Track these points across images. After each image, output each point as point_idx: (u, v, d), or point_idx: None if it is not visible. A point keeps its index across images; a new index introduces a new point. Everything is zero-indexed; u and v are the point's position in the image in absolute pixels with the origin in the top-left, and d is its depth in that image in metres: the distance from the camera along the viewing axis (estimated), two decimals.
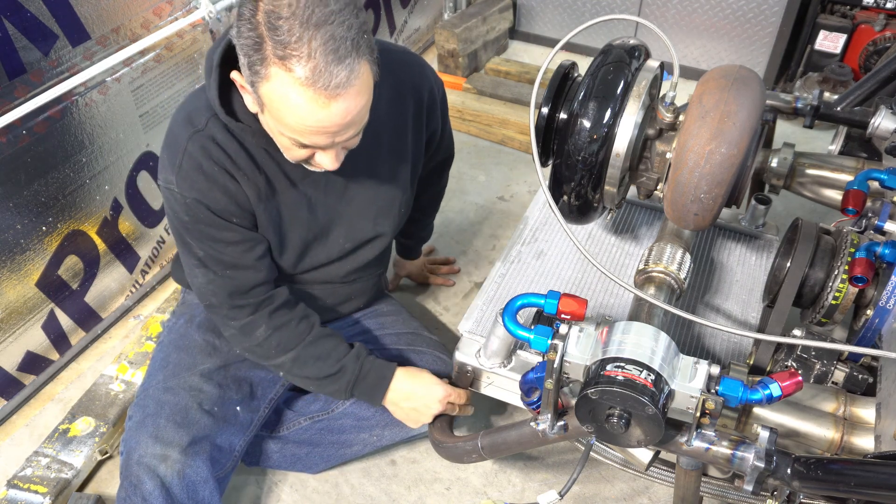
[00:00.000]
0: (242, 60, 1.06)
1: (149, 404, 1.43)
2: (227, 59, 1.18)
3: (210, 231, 1.28)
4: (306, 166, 1.24)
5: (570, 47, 3.37)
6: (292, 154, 1.18)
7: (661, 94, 1.39)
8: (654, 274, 1.36)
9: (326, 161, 1.17)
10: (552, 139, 1.36)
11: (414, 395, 1.46)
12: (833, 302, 1.33)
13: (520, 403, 1.28)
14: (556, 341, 1.09)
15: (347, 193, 1.41)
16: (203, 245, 1.29)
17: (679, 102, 1.30)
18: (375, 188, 1.44)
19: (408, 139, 1.46)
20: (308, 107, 1.03)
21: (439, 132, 1.61)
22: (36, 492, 1.58)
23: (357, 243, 1.49)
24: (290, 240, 1.40)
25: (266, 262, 1.37)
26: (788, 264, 1.38)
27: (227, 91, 1.21)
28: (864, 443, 1.14)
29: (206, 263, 1.32)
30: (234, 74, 1.13)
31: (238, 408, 1.49)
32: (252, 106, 1.16)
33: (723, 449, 1.08)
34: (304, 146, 1.13)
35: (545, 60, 1.26)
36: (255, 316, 1.37)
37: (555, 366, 1.09)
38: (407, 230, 1.93)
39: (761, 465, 1.03)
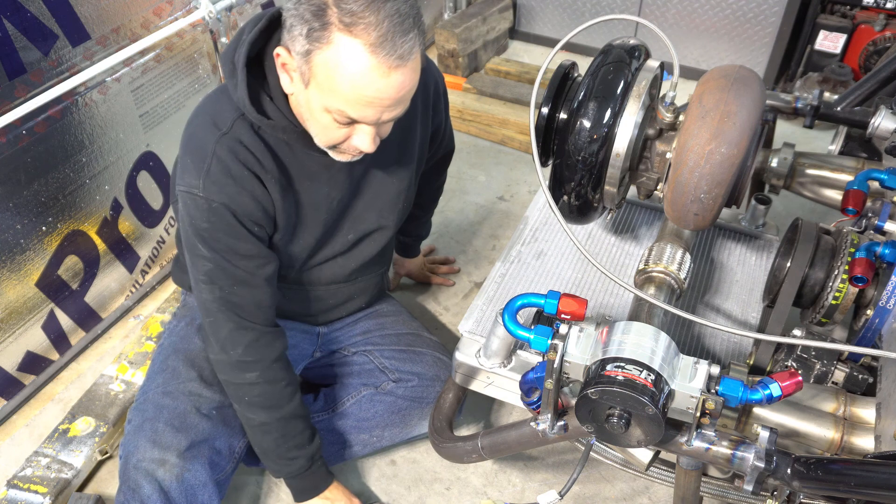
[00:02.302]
0: (296, 31, 1.05)
1: (148, 408, 1.43)
2: (249, 58, 1.18)
3: (228, 240, 1.26)
4: (333, 154, 1.23)
5: (570, 47, 3.37)
6: (328, 135, 1.17)
7: (661, 94, 1.39)
8: (654, 274, 1.36)
9: (364, 141, 1.16)
10: (552, 139, 1.36)
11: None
12: (833, 302, 1.33)
13: (520, 403, 1.28)
14: (556, 341, 1.09)
15: (357, 187, 1.41)
16: (216, 256, 1.27)
17: (679, 102, 1.30)
18: (382, 181, 1.44)
19: (416, 133, 1.47)
20: (369, 75, 1.04)
21: (443, 126, 1.62)
22: (36, 492, 1.58)
23: (360, 235, 1.49)
24: (304, 237, 1.39)
25: (272, 286, 1.36)
26: (788, 264, 1.38)
27: (254, 92, 1.20)
28: (864, 443, 1.14)
29: (214, 279, 1.29)
30: (278, 49, 1.12)
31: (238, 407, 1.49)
32: (289, 86, 1.15)
33: (723, 449, 1.08)
34: (347, 123, 1.12)
35: (545, 60, 1.26)
36: (256, 355, 1.36)
37: (555, 366, 1.09)
38: (406, 228, 1.94)
39: (761, 465, 1.03)
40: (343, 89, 1.06)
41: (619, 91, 1.26)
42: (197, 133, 1.25)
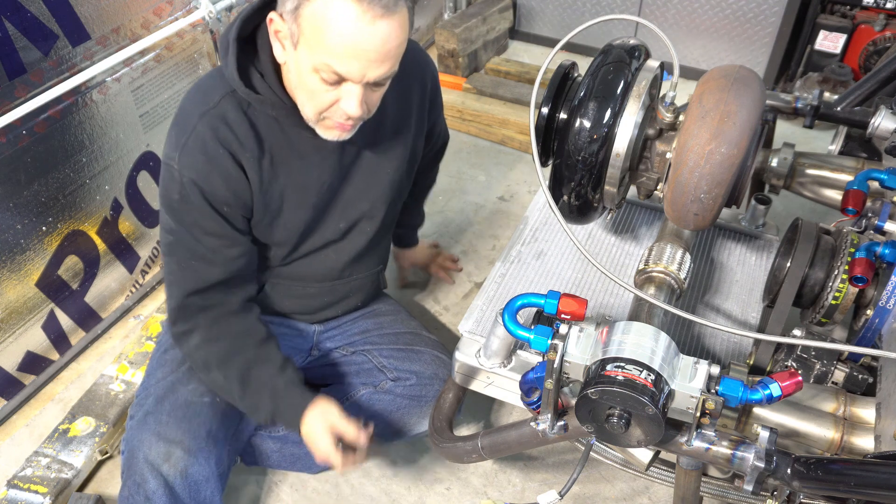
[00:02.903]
0: None
1: (149, 402, 1.43)
2: (242, 38, 1.22)
3: (195, 216, 1.28)
4: (320, 130, 1.24)
5: (570, 47, 3.37)
6: (317, 100, 1.17)
7: (661, 94, 1.39)
8: (654, 274, 1.36)
9: (352, 104, 1.16)
10: (552, 139, 1.36)
11: (311, 435, 1.41)
12: (833, 302, 1.33)
13: (520, 403, 1.29)
14: (556, 341, 1.09)
15: (348, 172, 1.42)
16: (181, 227, 1.29)
17: (679, 102, 1.30)
18: (373, 169, 1.44)
19: (411, 122, 1.48)
20: (354, 24, 1.05)
21: (438, 122, 1.64)
22: (36, 492, 1.58)
23: (350, 222, 1.49)
24: (292, 220, 1.39)
25: (236, 266, 1.35)
26: (788, 264, 1.38)
27: (244, 69, 1.23)
28: (864, 443, 1.14)
29: (174, 250, 1.31)
30: (271, 15, 1.14)
31: None
32: (281, 55, 1.18)
33: (723, 449, 1.08)
34: (335, 82, 1.13)
35: (545, 60, 1.26)
36: (194, 322, 1.36)
37: (555, 366, 1.09)
38: (399, 219, 1.94)
39: (761, 465, 1.03)
40: (329, 41, 1.07)
41: (619, 91, 1.26)
42: (186, 106, 1.28)
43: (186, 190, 1.25)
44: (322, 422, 1.37)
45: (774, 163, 1.74)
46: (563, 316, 1.15)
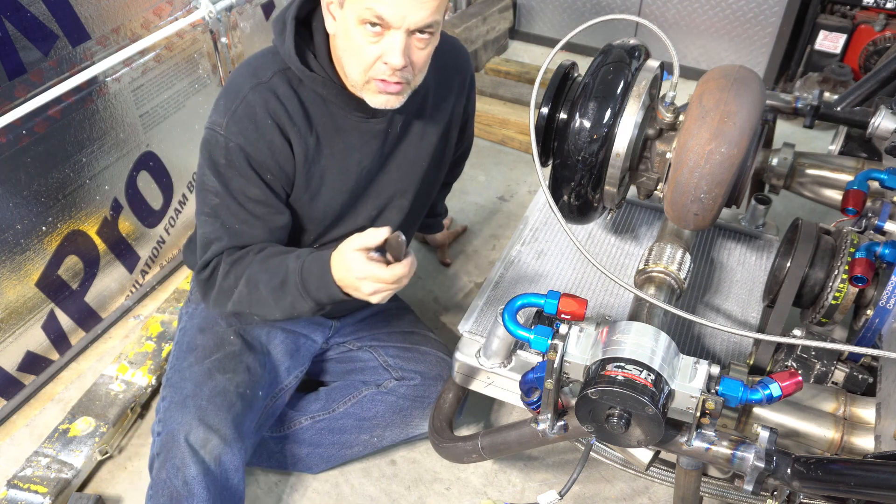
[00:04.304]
0: None
1: (186, 386, 1.43)
2: (297, 19, 1.26)
3: (241, 182, 1.29)
4: (368, 97, 1.24)
5: (570, 47, 3.37)
6: (363, 56, 1.17)
7: (661, 94, 1.39)
8: (654, 274, 1.36)
9: (395, 53, 1.16)
10: (552, 139, 1.36)
11: (345, 272, 1.22)
12: (833, 302, 1.33)
13: (520, 403, 1.29)
14: (556, 341, 1.09)
15: (387, 159, 1.43)
16: (227, 192, 1.29)
17: (679, 102, 1.30)
18: (412, 158, 1.46)
19: (449, 112, 1.50)
20: None
21: (471, 120, 1.69)
22: (36, 492, 1.58)
23: (380, 209, 1.50)
24: (329, 203, 1.40)
25: (276, 237, 1.36)
26: (788, 264, 1.38)
27: (299, 49, 1.26)
28: (864, 443, 1.14)
29: (219, 213, 1.31)
30: None
31: (260, 392, 1.50)
32: (332, 26, 1.21)
33: (723, 449, 1.08)
34: (378, 30, 1.13)
35: (545, 60, 1.26)
36: (218, 259, 1.34)
37: (555, 366, 1.09)
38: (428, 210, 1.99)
39: (761, 465, 1.03)
40: None
41: (619, 91, 1.26)
42: (236, 79, 1.30)
43: (232, 155, 1.27)
44: (348, 245, 1.19)
45: (774, 163, 1.75)
46: (563, 316, 1.16)
